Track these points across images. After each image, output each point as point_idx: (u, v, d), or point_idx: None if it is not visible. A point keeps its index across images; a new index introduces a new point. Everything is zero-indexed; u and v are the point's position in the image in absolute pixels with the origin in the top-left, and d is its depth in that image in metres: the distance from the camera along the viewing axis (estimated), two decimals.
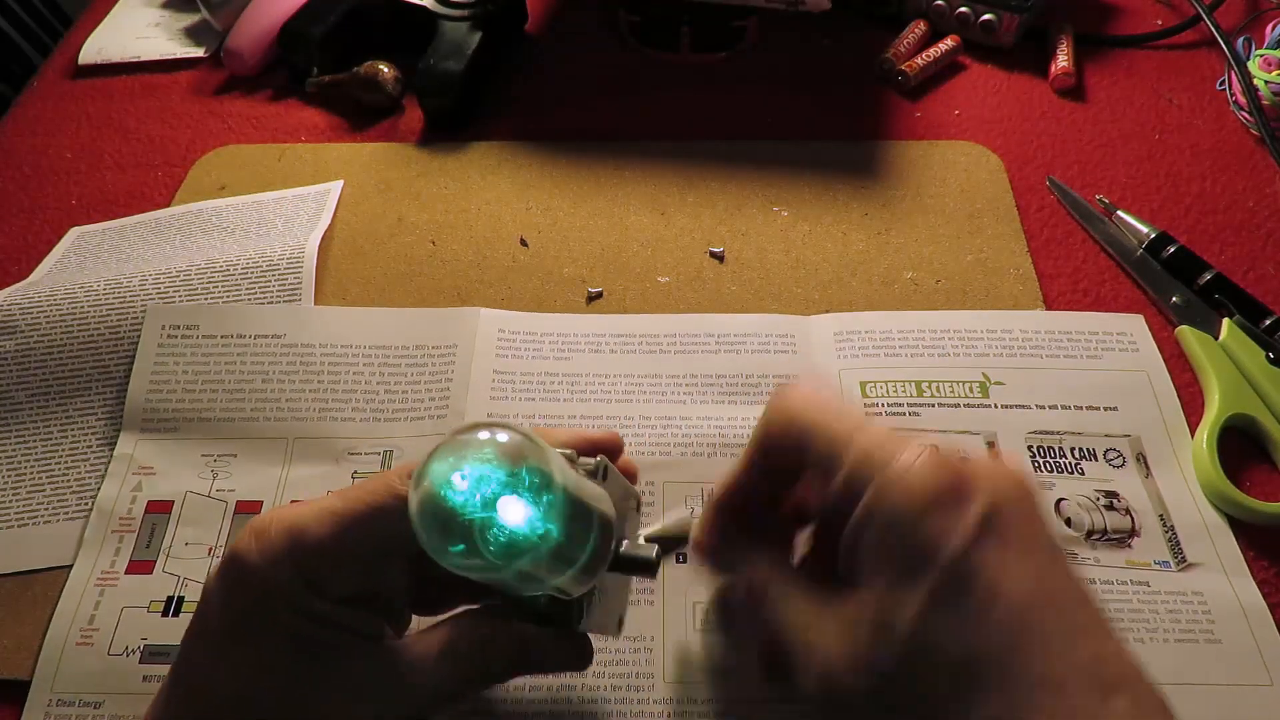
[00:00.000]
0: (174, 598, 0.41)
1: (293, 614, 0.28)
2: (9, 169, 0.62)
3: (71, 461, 0.46)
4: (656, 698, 0.37)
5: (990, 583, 0.24)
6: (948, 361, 0.47)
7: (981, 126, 0.62)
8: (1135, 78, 0.65)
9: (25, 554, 0.43)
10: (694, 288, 0.52)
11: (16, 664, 0.39)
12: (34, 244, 0.57)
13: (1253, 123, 0.59)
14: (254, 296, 0.51)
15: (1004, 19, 0.64)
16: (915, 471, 0.26)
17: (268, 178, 0.60)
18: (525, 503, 0.26)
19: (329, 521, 0.29)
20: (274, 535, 0.28)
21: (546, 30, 0.71)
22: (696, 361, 0.48)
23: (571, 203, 0.58)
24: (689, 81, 0.66)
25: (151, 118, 0.65)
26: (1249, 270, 0.52)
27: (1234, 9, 0.68)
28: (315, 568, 0.29)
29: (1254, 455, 0.44)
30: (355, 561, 0.29)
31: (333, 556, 0.29)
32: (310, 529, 0.29)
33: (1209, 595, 0.39)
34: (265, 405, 0.46)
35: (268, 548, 0.28)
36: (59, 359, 0.48)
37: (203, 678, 0.29)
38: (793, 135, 0.61)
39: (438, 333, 0.49)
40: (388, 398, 0.47)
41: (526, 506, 0.27)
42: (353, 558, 0.29)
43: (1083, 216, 0.55)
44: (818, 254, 0.54)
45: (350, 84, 0.63)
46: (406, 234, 0.56)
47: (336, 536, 0.29)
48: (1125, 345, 0.48)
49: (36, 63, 1.01)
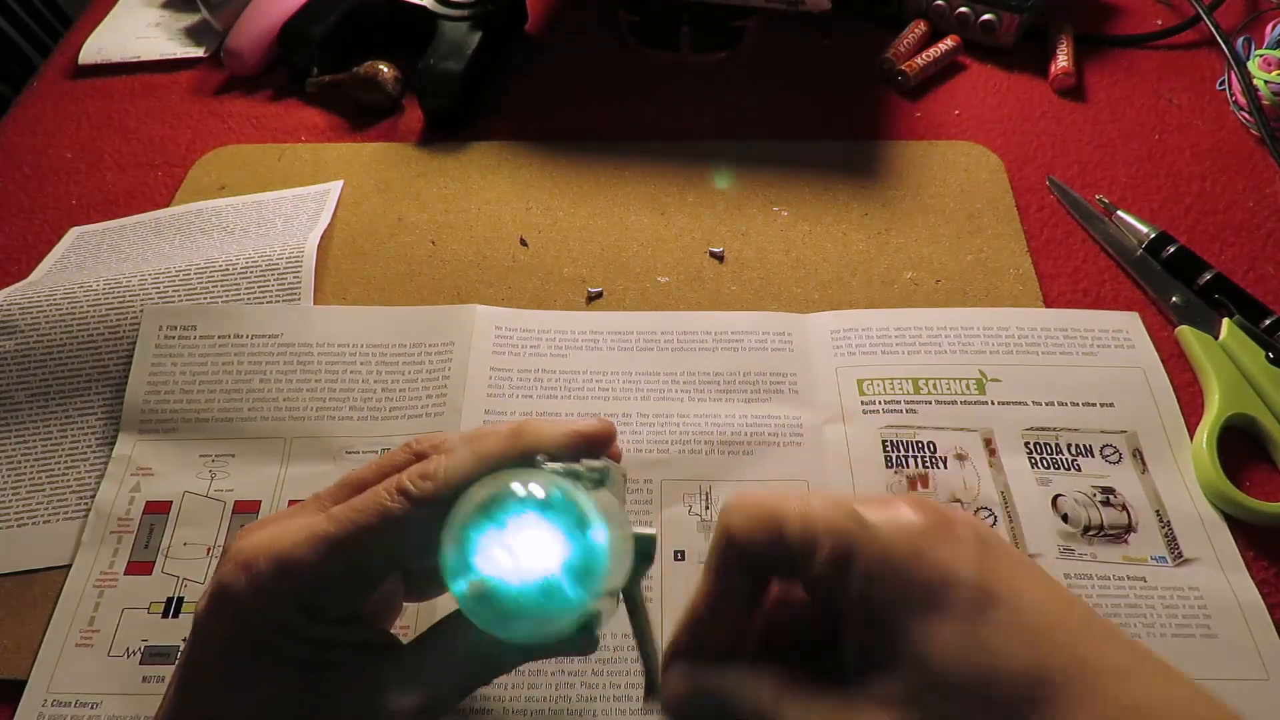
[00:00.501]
0: (173, 598, 0.41)
1: (293, 642, 0.27)
2: (9, 169, 0.62)
3: (71, 461, 0.46)
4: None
5: (1012, 592, 0.24)
6: (944, 359, 0.47)
7: (981, 126, 0.61)
8: (1135, 78, 0.65)
9: (25, 554, 0.43)
10: (694, 288, 0.52)
11: (14, 664, 0.39)
12: (34, 244, 0.57)
13: (1253, 123, 0.59)
14: (253, 296, 0.51)
15: (1004, 19, 0.64)
16: (905, 514, 0.25)
17: (268, 178, 0.60)
18: (577, 585, 0.26)
19: (319, 547, 0.27)
20: (262, 567, 0.27)
21: (546, 30, 0.71)
22: (694, 359, 0.48)
23: (571, 203, 0.58)
24: (689, 81, 0.66)
25: (151, 118, 0.65)
26: (1249, 270, 0.52)
27: (1234, 9, 0.68)
28: (309, 595, 0.27)
29: (1254, 455, 0.44)
30: (350, 584, 0.28)
31: (326, 583, 0.28)
32: (300, 557, 0.27)
33: (1205, 590, 0.39)
34: (263, 405, 0.46)
35: (257, 580, 0.27)
36: (58, 359, 0.48)
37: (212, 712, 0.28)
38: (793, 135, 0.61)
39: (435, 330, 0.49)
40: (385, 396, 0.47)
41: (578, 589, 0.26)
42: (347, 582, 0.28)
43: (1083, 216, 0.55)
44: (817, 254, 0.54)
45: (350, 84, 0.63)
46: (406, 234, 0.56)
47: (328, 561, 0.27)
48: (1121, 342, 0.48)
49: (36, 63, 1.01)
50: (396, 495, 0.27)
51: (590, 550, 0.26)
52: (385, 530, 0.27)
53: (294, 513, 0.30)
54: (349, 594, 0.28)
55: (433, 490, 0.28)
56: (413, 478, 0.28)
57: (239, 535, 0.29)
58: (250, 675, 0.27)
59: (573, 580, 0.26)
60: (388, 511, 0.27)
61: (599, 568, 0.26)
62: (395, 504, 0.27)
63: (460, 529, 0.26)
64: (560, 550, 0.25)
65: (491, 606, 0.25)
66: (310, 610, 0.27)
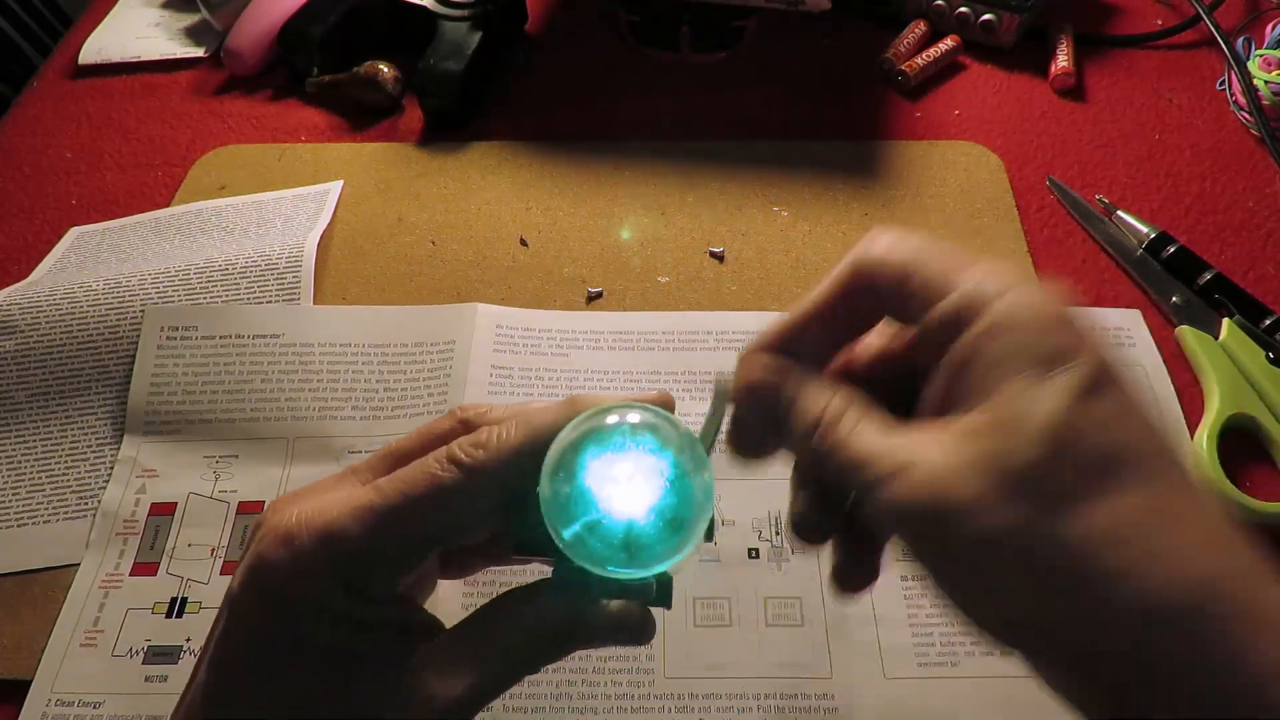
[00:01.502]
0: (177, 599, 0.41)
1: (334, 625, 0.26)
2: (9, 169, 0.62)
3: (71, 461, 0.46)
4: (656, 693, 0.38)
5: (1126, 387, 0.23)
6: None
7: (981, 126, 0.62)
8: (1135, 78, 0.65)
9: (25, 554, 0.43)
10: (694, 287, 0.53)
11: (16, 664, 0.39)
12: (34, 244, 0.57)
13: (1253, 123, 0.59)
14: (253, 296, 0.51)
15: (1004, 19, 0.64)
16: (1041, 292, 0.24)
17: (268, 178, 0.60)
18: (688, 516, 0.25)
19: (365, 519, 0.26)
20: (305, 540, 0.26)
21: (546, 30, 0.71)
22: (694, 359, 0.48)
23: (571, 203, 0.58)
24: (689, 81, 0.66)
25: (151, 118, 0.65)
26: (1249, 270, 0.52)
27: (1234, 9, 0.68)
28: (353, 571, 0.26)
29: (1254, 455, 0.44)
30: (396, 559, 0.27)
31: (372, 557, 0.26)
32: (345, 529, 0.26)
33: None
34: (265, 405, 0.46)
35: (301, 555, 0.25)
36: (58, 359, 0.48)
37: (249, 708, 0.26)
38: (793, 135, 0.61)
39: (436, 329, 0.49)
40: (386, 395, 0.47)
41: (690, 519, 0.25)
42: (394, 556, 0.27)
43: (1083, 216, 0.55)
44: (818, 254, 0.54)
45: (350, 84, 0.63)
46: (406, 234, 0.56)
47: (376, 534, 0.26)
48: (1122, 340, 0.48)
49: (36, 63, 1.01)
50: (448, 465, 0.26)
51: (703, 486, 0.25)
52: (436, 501, 0.26)
53: (332, 485, 0.28)
54: (396, 570, 0.27)
55: (485, 460, 0.26)
56: (464, 447, 0.27)
57: (271, 509, 0.27)
58: (287, 654, 0.26)
59: (687, 513, 0.25)
60: (439, 481, 0.26)
61: (708, 504, 0.25)
62: (447, 474, 0.26)
63: (571, 454, 0.25)
64: (673, 481, 0.25)
65: (604, 539, 0.25)
66: (352, 587, 0.26)
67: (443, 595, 0.40)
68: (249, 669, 0.26)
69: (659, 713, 0.37)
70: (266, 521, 0.27)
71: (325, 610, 0.26)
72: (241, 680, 0.26)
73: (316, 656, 0.26)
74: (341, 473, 0.29)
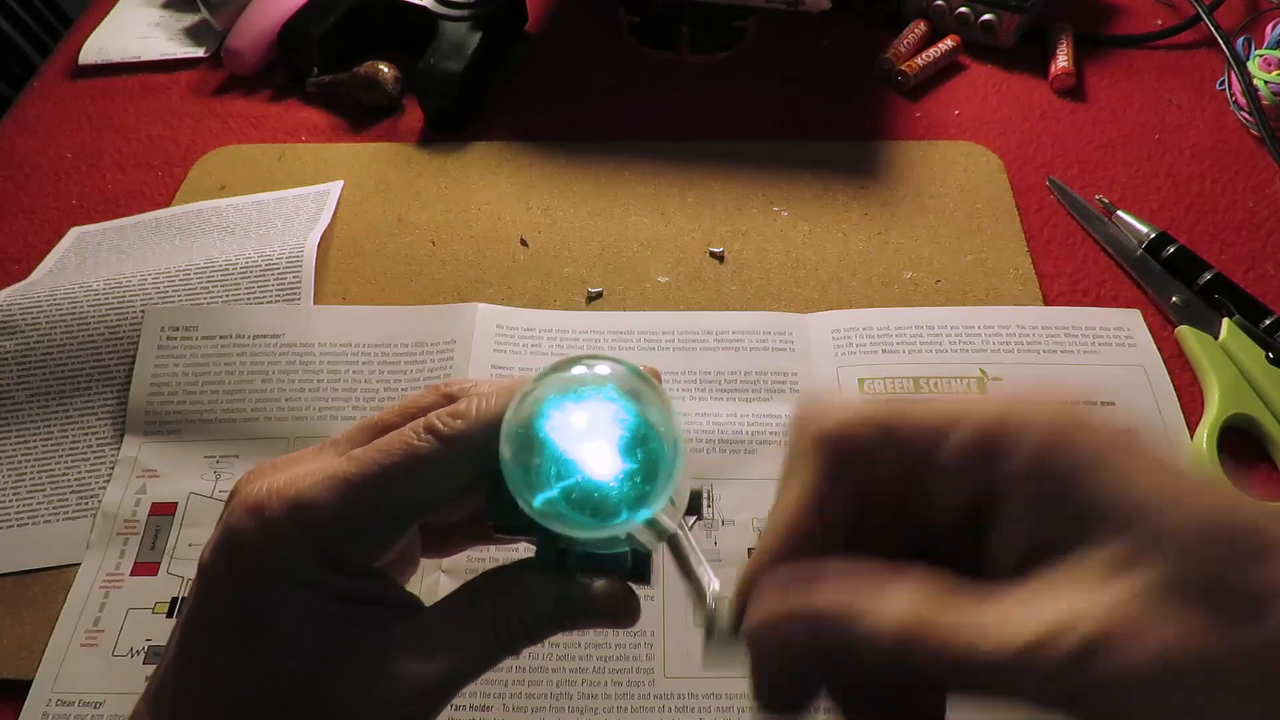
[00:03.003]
0: (178, 598, 0.41)
1: (307, 595, 0.25)
2: (9, 169, 0.62)
3: (71, 461, 0.46)
4: (656, 692, 0.38)
5: None
6: (945, 357, 0.48)
7: (981, 126, 0.62)
8: (1135, 78, 0.65)
9: (25, 554, 0.43)
10: (694, 288, 0.53)
11: (16, 664, 0.39)
12: (34, 244, 0.57)
13: (1253, 123, 0.59)
14: (253, 296, 0.51)
15: (1004, 19, 0.65)
16: (1064, 409, 0.22)
17: (268, 178, 0.60)
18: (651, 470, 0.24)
19: (338, 489, 0.25)
20: (275, 510, 0.25)
21: (546, 30, 0.71)
22: (695, 359, 0.48)
23: (571, 203, 0.58)
24: (689, 81, 0.66)
25: (151, 118, 0.65)
26: (1249, 270, 0.52)
27: (1234, 9, 0.68)
28: (330, 543, 0.25)
29: (1254, 455, 0.45)
30: (372, 532, 0.26)
31: (346, 529, 0.25)
32: (317, 499, 0.25)
33: None
34: (265, 405, 0.47)
35: (271, 525, 0.25)
36: (59, 359, 0.48)
37: (218, 680, 0.25)
38: (793, 135, 0.61)
39: (436, 329, 0.49)
40: (387, 395, 0.47)
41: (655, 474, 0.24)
42: (369, 528, 0.26)
43: (1083, 216, 0.55)
44: (817, 254, 0.54)
45: (350, 84, 0.63)
46: (406, 234, 0.56)
47: (349, 505, 0.25)
48: (1122, 340, 0.48)
49: (36, 63, 1.01)
50: (425, 434, 0.25)
51: (671, 442, 0.24)
52: (413, 472, 0.25)
53: (308, 455, 0.27)
54: (370, 543, 0.26)
55: (463, 429, 0.25)
56: (442, 417, 0.26)
57: (245, 479, 0.27)
58: (259, 629, 0.25)
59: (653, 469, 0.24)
60: (415, 450, 0.25)
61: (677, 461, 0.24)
62: (423, 443, 0.25)
63: (527, 409, 0.24)
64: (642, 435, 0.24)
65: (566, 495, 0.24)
66: (330, 561, 0.25)
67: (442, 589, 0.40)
68: (219, 636, 0.25)
69: (659, 713, 0.37)
70: (239, 492, 0.26)
71: (296, 579, 0.25)
72: (212, 648, 0.25)
73: (287, 627, 0.25)
74: (320, 444, 0.28)
